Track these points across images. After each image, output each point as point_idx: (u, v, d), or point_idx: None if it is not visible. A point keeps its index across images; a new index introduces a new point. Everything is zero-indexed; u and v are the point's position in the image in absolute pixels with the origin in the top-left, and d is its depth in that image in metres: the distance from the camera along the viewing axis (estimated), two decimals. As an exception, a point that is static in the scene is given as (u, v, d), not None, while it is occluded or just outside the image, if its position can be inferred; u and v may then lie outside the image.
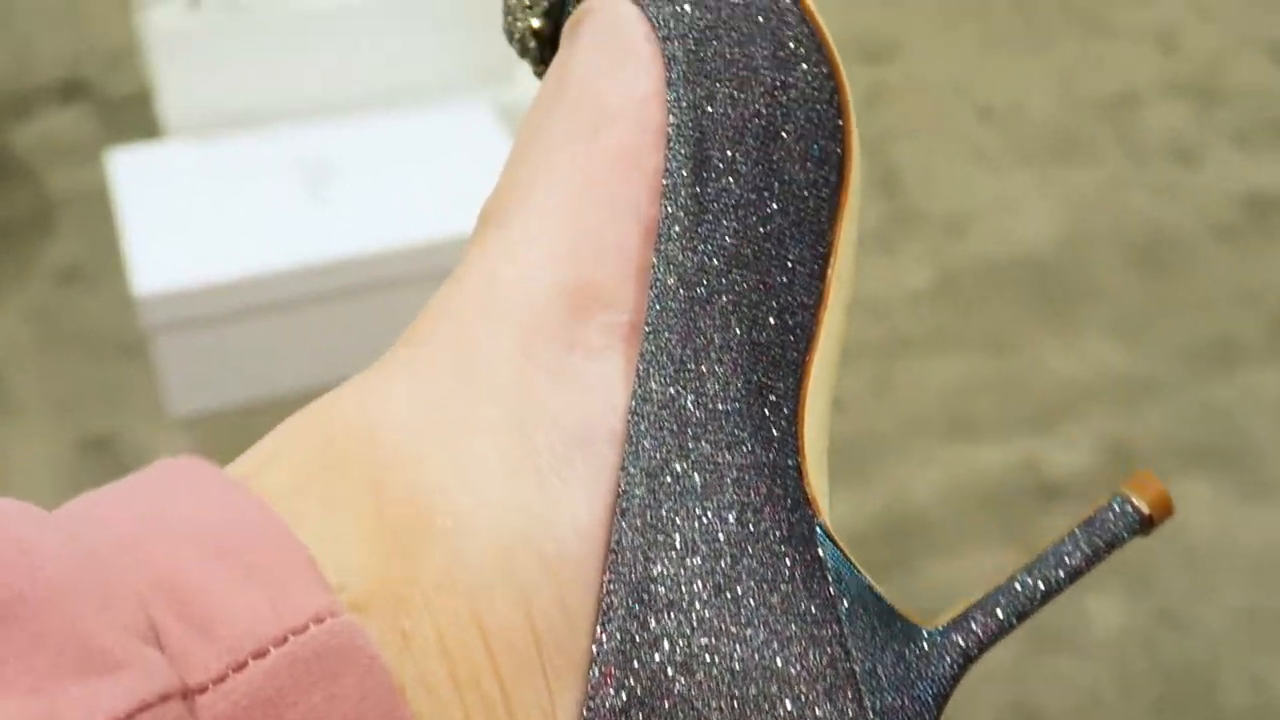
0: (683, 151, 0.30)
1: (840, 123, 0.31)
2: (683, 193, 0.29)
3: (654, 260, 0.29)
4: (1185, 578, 1.14)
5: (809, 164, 0.30)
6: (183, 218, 1.25)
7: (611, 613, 0.26)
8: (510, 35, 0.36)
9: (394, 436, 0.28)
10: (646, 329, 0.28)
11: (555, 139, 0.31)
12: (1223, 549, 1.16)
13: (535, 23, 0.34)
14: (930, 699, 0.27)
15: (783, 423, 0.28)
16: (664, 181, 0.30)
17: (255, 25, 1.32)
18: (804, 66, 0.31)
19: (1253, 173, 1.57)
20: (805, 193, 0.30)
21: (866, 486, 1.20)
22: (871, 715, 0.26)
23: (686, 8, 0.31)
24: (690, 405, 0.28)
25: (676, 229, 0.29)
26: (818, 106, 0.31)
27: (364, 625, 0.24)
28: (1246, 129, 1.65)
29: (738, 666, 0.26)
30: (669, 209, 0.29)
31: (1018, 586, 0.29)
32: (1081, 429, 1.26)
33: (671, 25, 0.31)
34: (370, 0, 1.36)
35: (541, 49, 0.34)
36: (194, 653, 0.23)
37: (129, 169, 1.31)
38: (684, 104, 0.30)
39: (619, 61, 0.31)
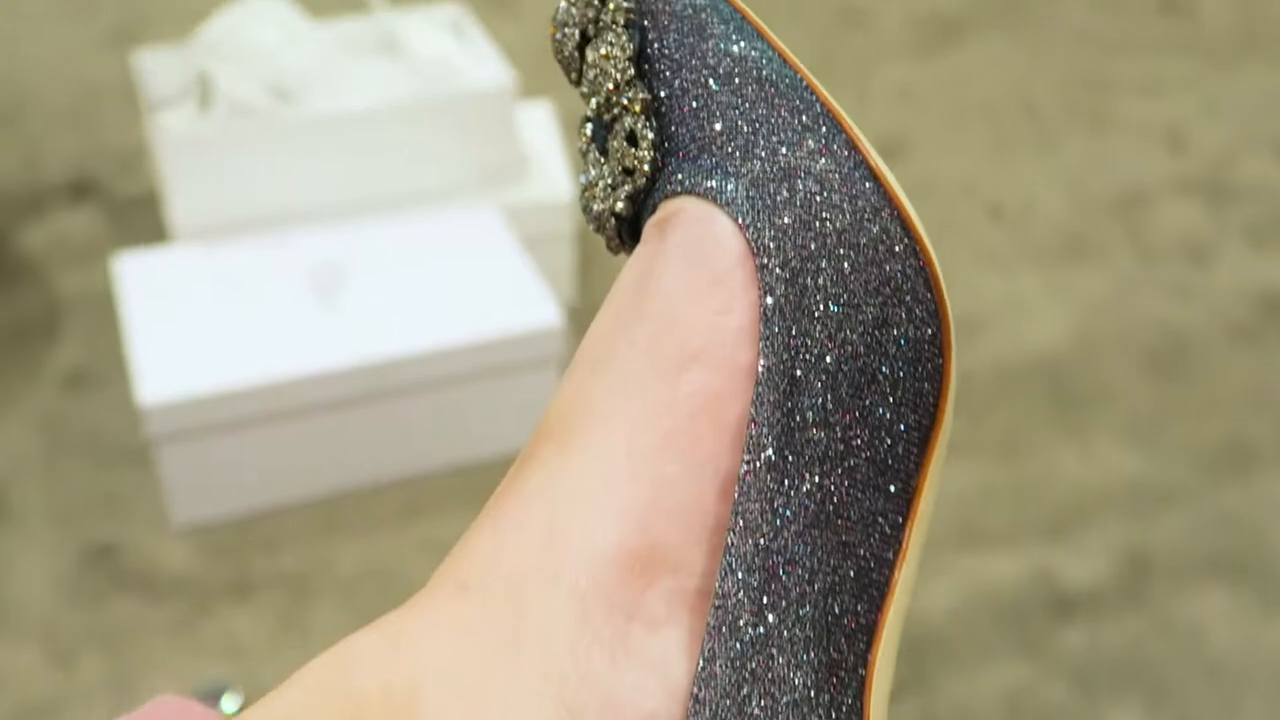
0: (771, 399, 0.27)
1: (940, 363, 0.29)
2: (768, 448, 0.27)
3: (730, 522, 0.26)
4: (1207, 691, 1.11)
5: (903, 408, 0.28)
6: (189, 324, 1.25)
7: None
8: (587, 210, 0.34)
9: (432, 709, 0.25)
10: (716, 603, 0.25)
11: (635, 370, 0.29)
12: (1244, 661, 1.14)
13: (619, 206, 0.32)
14: None
15: (849, 698, 0.26)
16: (749, 433, 0.27)
17: (264, 130, 1.33)
18: (909, 302, 0.28)
19: (1265, 272, 1.57)
20: (896, 439, 0.28)
21: (879, 598, 1.18)
22: None
23: (787, 220, 0.28)
24: (756, 697, 0.25)
25: (757, 488, 0.26)
26: (919, 347, 0.28)
27: None
28: (1258, 227, 1.64)
29: None
30: (751, 464, 0.27)
31: None
32: (1096, 538, 1.24)
33: (771, 248, 0.28)
34: (377, 105, 1.37)
35: (620, 229, 0.33)
36: None
37: (136, 273, 1.31)
38: (777, 344, 0.27)
39: (710, 286, 0.29)
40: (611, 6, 0.32)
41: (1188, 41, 2.03)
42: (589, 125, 0.34)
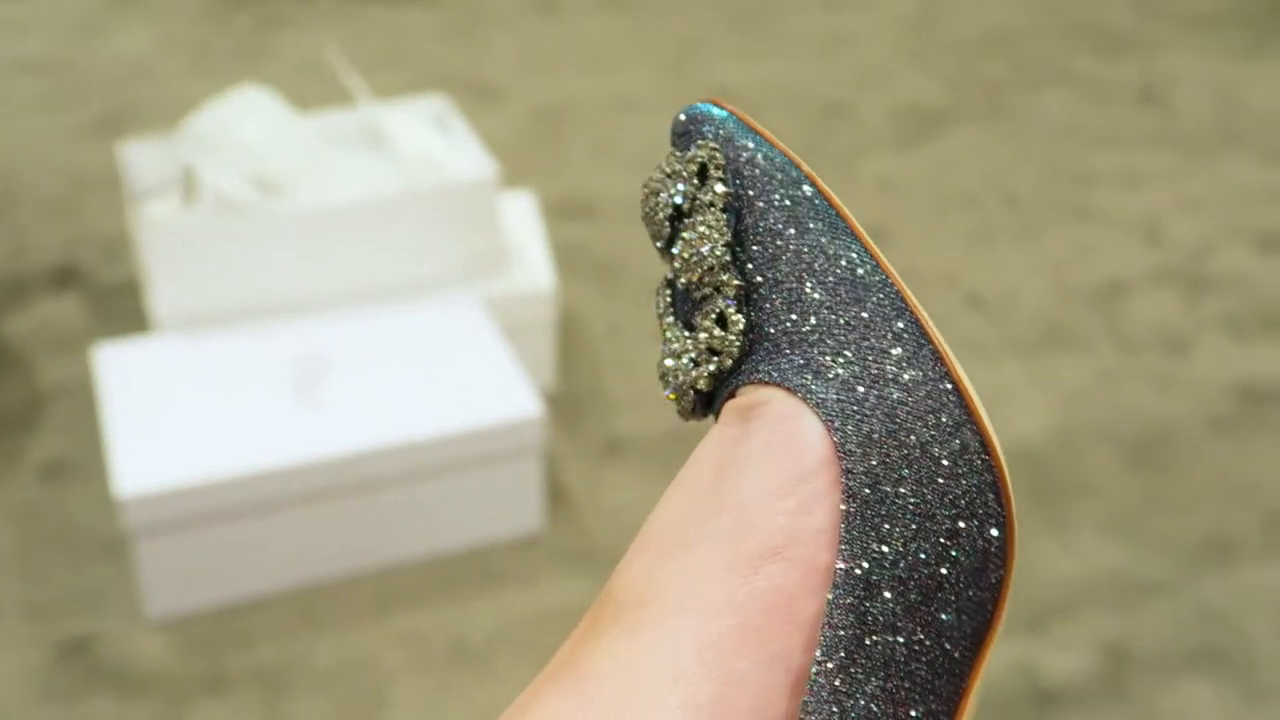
0: (847, 602, 0.28)
1: (1002, 575, 0.30)
2: (840, 650, 0.28)
3: (799, 717, 0.27)
4: (1189, 789, 1.11)
5: (963, 615, 0.29)
6: (169, 415, 1.25)
7: None
8: (666, 377, 0.35)
9: None
10: None
11: (711, 560, 0.29)
12: (1227, 758, 1.13)
13: (702, 384, 0.33)
14: None
15: None
16: (823, 634, 0.28)
17: (247, 223, 1.34)
18: (981, 515, 0.29)
19: (1244, 362, 1.58)
20: (955, 644, 0.29)
21: (859, 692, 1.18)
22: None
23: (874, 427, 0.29)
24: None
25: (828, 689, 0.28)
26: (986, 558, 0.30)
27: None
28: (1236, 318, 1.66)
29: None
30: (823, 665, 0.28)
31: None
32: (1078, 630, 1.24)
33: (858, 454, 0.29)
34: (361, 198, 1.38)
35: (697, 401, 0.34)
36: None
37: (116, 364, 1.32)
38: (856, 549, 0.28)
39: (794, 484, 0.30)
40: (715, 189, 0.34)
41: (1165, 134, 2.07)
42: (668, 292, 0.35)
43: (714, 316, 0.34)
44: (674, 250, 0.35)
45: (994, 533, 0.30)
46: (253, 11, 2.68)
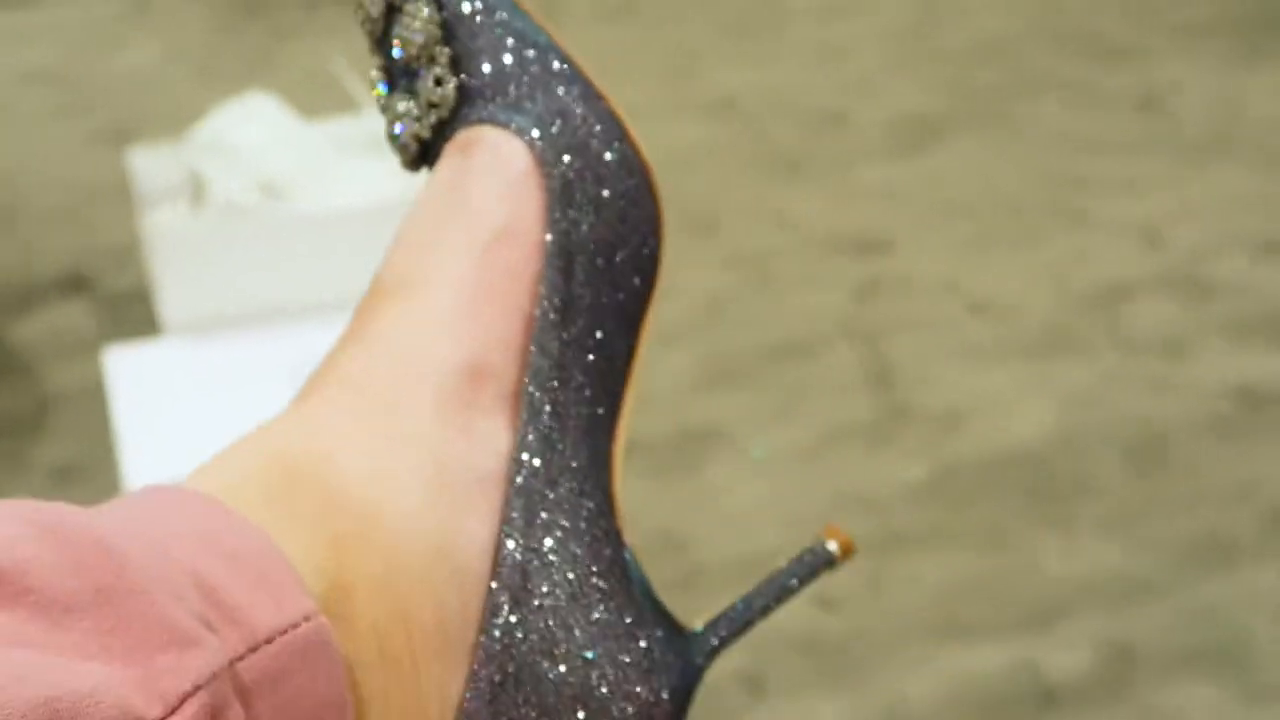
0: (557, 263, 0.41)
1: (657, 242, 0.43)
2: (555, 296, 0.41)
3: (531, 347, 0.40)
4: (1190, 786, 1.11)
5: (636, 277, 0.43)
6: (178, 419, 1.26)
7: (497, 612, 0.37)
8: (392, 136, 0.46)
9: (343, 468, 0.37)
10: (524, 400, 0.40)
11: (459, 247, 0.42)
12: (1228, 755, 1.14)
13: (425, 133, 0.45)
14: (691, 679, 0.39)
15: (606, 475, 0.40)
16: (541, 288, 0.41)
17: (254, 228, 1.35)
18: (640, 202, 0.43)
19: (1243, 366, 1.59)
20: (630, 295, 0.42)
21: (863, 692, 1.18)
22: (664, 695, 0.38)
23: (561, 143, 0.43)
24: (555, 461, 0.39)
25: (547, 323, 0.41)
26: (646, 232, 0.43)
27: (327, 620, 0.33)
28: (1235, 322, 1.67)
29: (586, 654, 0.37)
30: (544, 307, 0.41)
31: (750, 604, 0.41)
32: (1079, 630, 1.25)
33: (553, 159, 0.43)
34: (366, 203, 1.39)
35: (419, 151, 0.45)
36: (228, 636, 0.32)
37: (126, 367, 1.32)
38: (558, 227, 0.42)
39: (510, 186, 0.43)
40: None
41: (1165, 140, 2.08)
42: (384, 79, 0.46)
43: (433, 79, 0.45)
44: (393, 36, 0.46)
45: (648, 213, 0.43)
46: (262, 23, 2.69)
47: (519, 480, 0.39)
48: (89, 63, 2.57)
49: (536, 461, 0.39)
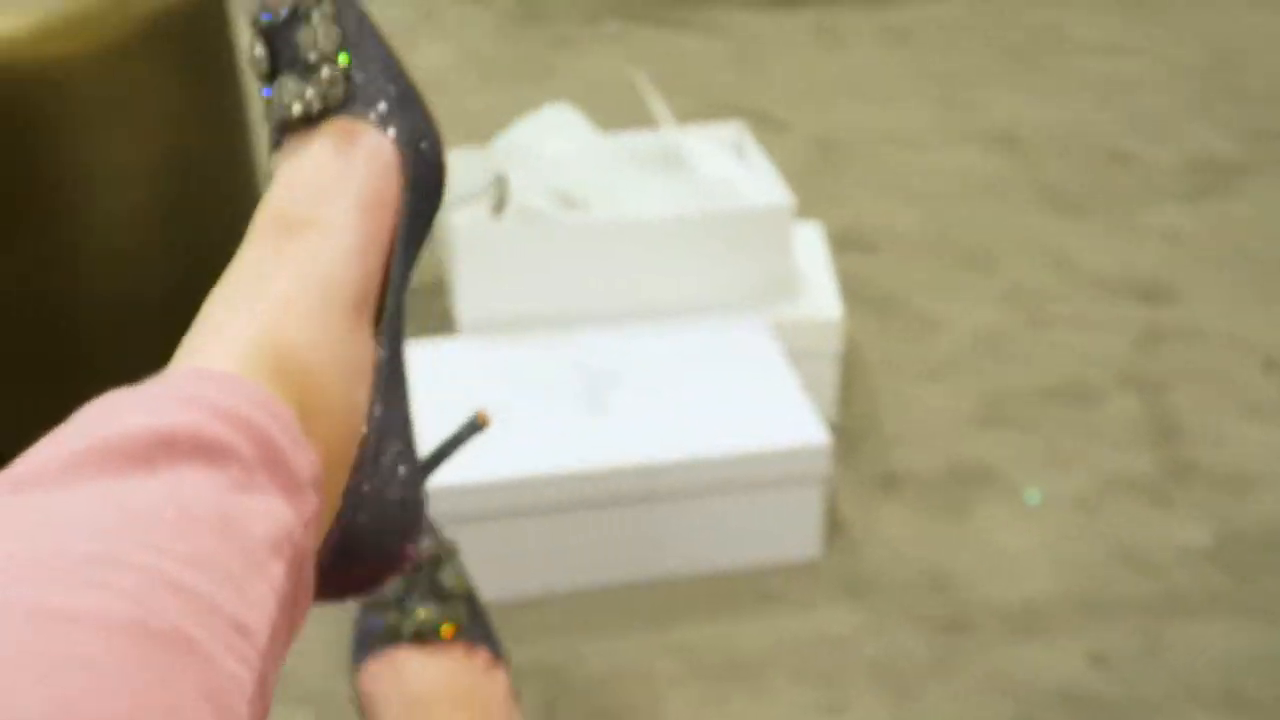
0: (404, 229, 0.64)
1: (439, 201, 0.69)
2: (403, 251, 0.64)
3: (390, 285, 0.63)
4: None
5: (432, 201, 0.68)
6: (465, 413, 1.29)
7: (365, 443, 0.60)
8: (283, 106, 0.66)
9: (305, 358, 0.58)
10: (385, 324, 0.63)
11: (351, 200, 0.63)
12: None
13: (312, 112, 0.66)
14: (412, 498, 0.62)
15: (401, 359, 0.65)
16: (397, 244, 0.64)
17: (551, 234, 1.38)
18: (441, 173, 0.69)
19: None
20: (425, 237, 0.68)
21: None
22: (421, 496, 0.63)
23: (407, 134, 0.66)
24: (394, 360, 0.63)
25: (397, 271, 0.64)
26: (437, 195, 0.69)
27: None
28: None
29: (399, 470, 0.61)
30: (396, 259, 0.64)
31: (428, 460, 0.67)
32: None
33: (408, 162, 0.65)
34: (660, 217, 1.41)
35: (294, 124, 0.66)
36: (305, 473, 0.53)
37: (419, 361, 1.37)
38: (408, 206, 0.64)
39: (387, 173, 0.64)
40: (321, 6, 0.68)
41: None
42: (266, 54, 0.68)
43: (329, 76, 0.67)
44: (298, 35, 0.68)
45: (440, 189, 0.68)
46: (541, 32, 2.76)
47: (381, 373, 0.61)
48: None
49: (385, 356, 0.61)
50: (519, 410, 1.30)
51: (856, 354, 1.63)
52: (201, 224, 1.43)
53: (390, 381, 0.62)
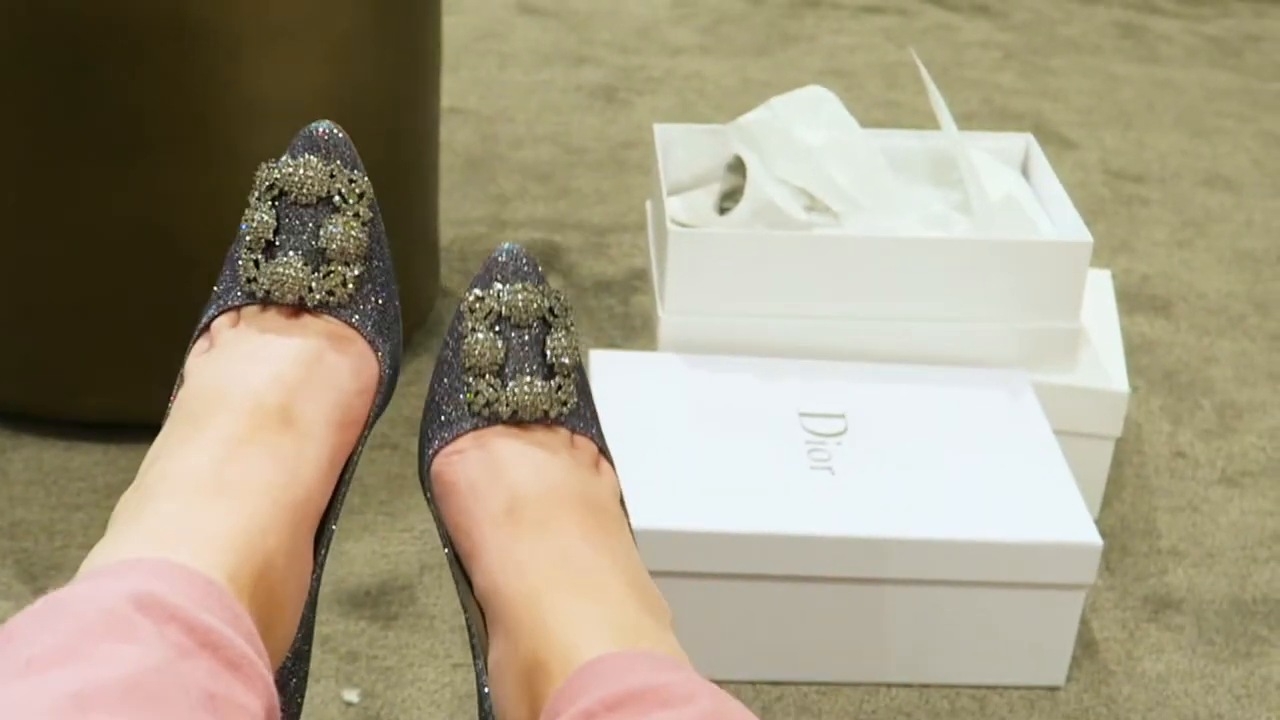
0: (368, 429, 0.85)
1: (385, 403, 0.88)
2: (361, 445, 0.84)
3: (346, 466, 0.84)
4: None
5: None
6: (662, 444, 1.29)
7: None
8: (280, 282, 0.84)
9: (280, 576, 0.75)
10: (338, 502, 0.83)
11: (331, 406, 0.82)
12: None
13: (310, 303, 0.84)
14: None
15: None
16: (361, 442, 0.84)
17: (787, 242, 1.37)
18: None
19: None
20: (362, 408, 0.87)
21: None
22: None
23: (388, 349, 0.86)
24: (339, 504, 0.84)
25: (357, 454, 0.84)
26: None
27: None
28: None
29: None
30: (357, 450, 0.84)
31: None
32: None
33: (385, 381, 0.86)
34: (923, 240, 1.39)
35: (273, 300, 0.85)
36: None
37: (609, 376, 1.37)
38: (374, 414, 0.85)
39: (367, 388, 0.84)
40: (359, 206, 0.87)
41: None
42: (272, 234, 0.86)
43: (342, 276, 0.84)
44: (328, 225, 0.85)
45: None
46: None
47: (315, 589, 0.80)
48: (592, 5, 2.70)
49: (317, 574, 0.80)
50: (723, 452, 1.29)
51: (1134, 440, 1.59)
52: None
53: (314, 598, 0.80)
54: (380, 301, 0.85)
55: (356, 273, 0.84)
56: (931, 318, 1.40)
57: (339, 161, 0.87)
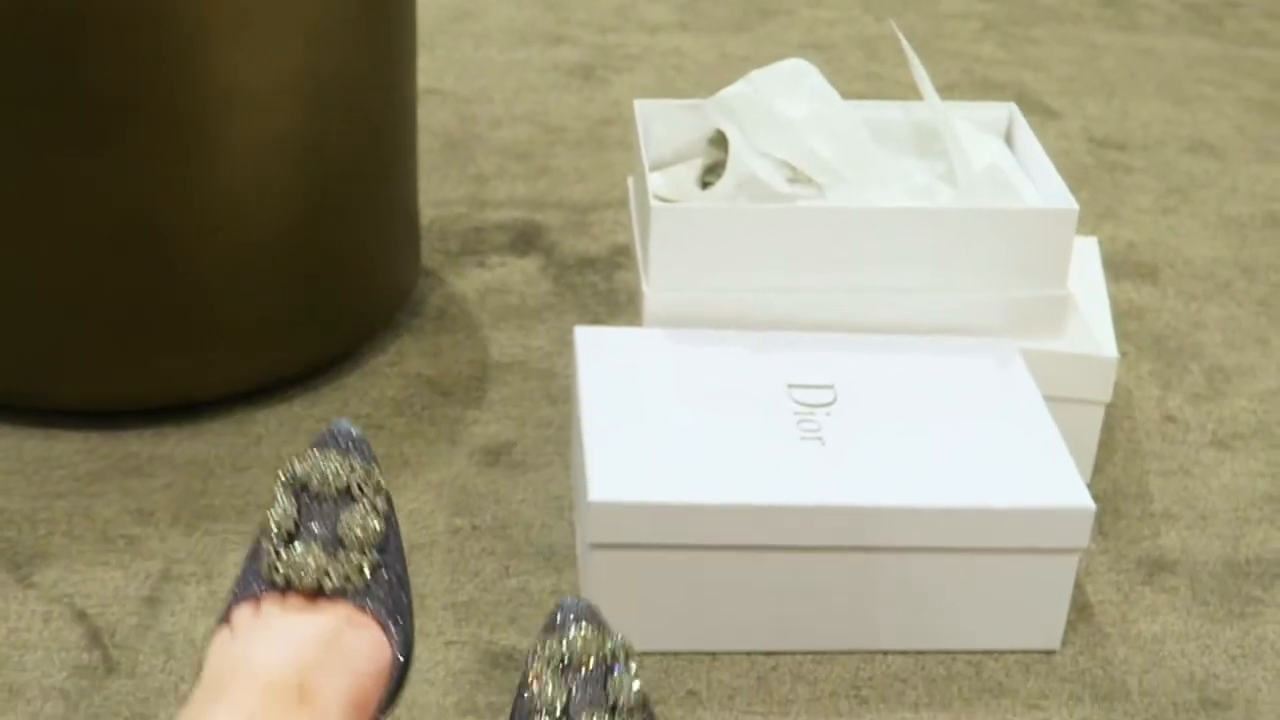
0: (384, 710, 0.94)
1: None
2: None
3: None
4: None
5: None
6: (648, 419, 1.31)
7: None
8: (296, 568, 0.93)
9: None
10: None
11: (344, 691, 0.89)
12: None
13: (325, 589, 0.93)
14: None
15: None
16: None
17: (771, 215, 1.39)
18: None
19: None
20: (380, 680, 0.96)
21: None
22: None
23: (401, 664, 0.95)
24: None
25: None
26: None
27: None
28: None
29: None
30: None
31: None
32: None
33: (399, 667, 0.95)
34: (908, 211, 1.41)
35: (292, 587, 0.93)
36: None
37: (593, 351, 1.39)
38: (388, 699, 0.94)
39: (380, 673, 0.93)
40: (377, 498, 1.00)
41: None
42: (292, 523, 0.97)
43: (358, 564, 0.95)
44: (349, 515, 0.96)
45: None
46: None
47: None
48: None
49: None
50: (711, 425, 1.31)
51: (1124, 405, 1.61)
52: (334, 159, 1.47)
53: None
54: (393, 590, 0.96)
55: (372, 560, 0.95)
56: (919, 288, 1.42)
57: (357, 456, 1.00)
